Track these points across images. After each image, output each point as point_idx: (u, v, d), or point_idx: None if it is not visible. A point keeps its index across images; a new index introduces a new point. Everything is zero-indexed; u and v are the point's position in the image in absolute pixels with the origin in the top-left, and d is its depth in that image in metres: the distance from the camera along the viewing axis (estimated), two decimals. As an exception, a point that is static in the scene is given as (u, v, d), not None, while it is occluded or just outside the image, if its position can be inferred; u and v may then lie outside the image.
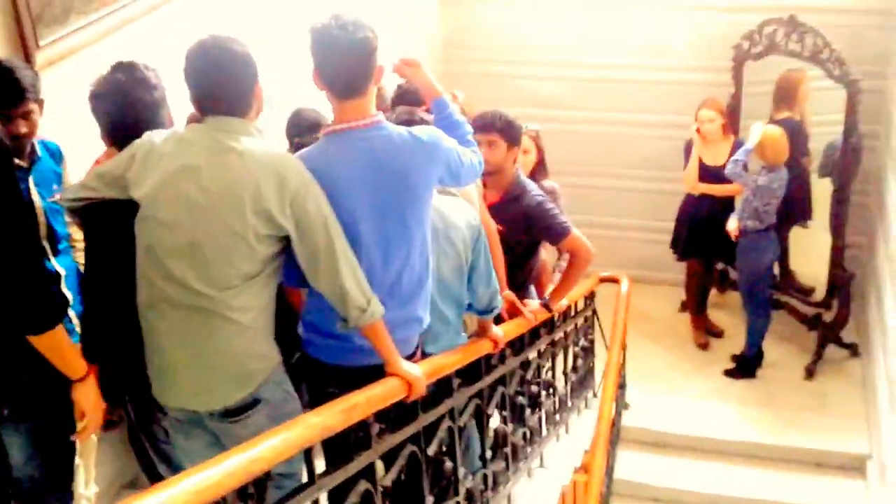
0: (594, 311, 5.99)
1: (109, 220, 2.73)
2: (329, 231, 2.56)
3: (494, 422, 3.96)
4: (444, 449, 3.26)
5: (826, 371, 6.63)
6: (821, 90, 6.40)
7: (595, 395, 5.86)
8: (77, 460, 3.11)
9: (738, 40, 6.62)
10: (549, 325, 4.68)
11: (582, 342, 5.72)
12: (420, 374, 2.84)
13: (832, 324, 6.59)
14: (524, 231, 4.10)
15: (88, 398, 2.73)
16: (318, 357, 3.01)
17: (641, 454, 6.06)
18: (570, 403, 5.42)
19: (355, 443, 2.60)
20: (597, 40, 7.37)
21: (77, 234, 3.14)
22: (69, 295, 3.10)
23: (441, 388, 3.24)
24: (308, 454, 2.34)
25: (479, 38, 7.56)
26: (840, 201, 6.36)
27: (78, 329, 3.01)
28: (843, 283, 6.47)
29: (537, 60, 7.49)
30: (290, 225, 2.54)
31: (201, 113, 2.61)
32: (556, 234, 4.06)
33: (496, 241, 3.88)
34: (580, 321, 5.57)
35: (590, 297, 5.82)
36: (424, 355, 3.22)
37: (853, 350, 6.70)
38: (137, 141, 2.69)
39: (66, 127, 3.20)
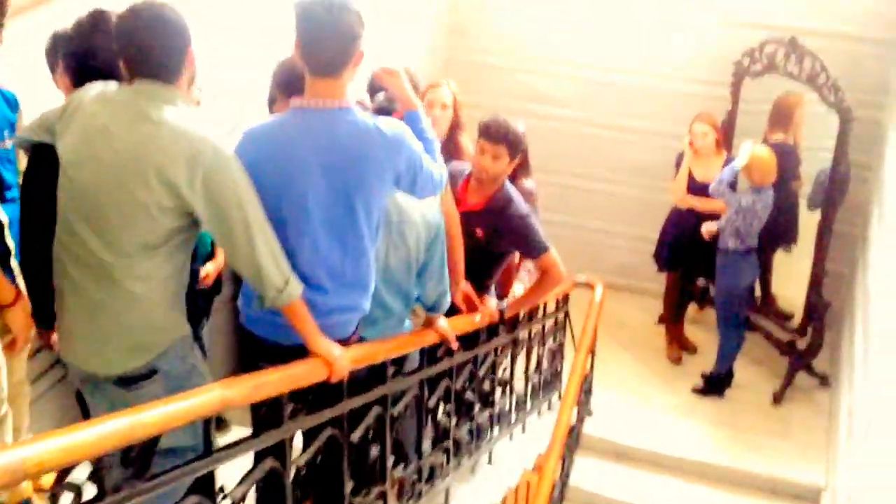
0: (566, 315, 5.96)
1: (45, 164, 2.70)
2: (245, 210, 2.50)
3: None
4: (369, 436, 3.21)
5: (794, 398, 6.57)
6: (816, 115, 6.31)
7: (560, 399, 5.80)
8: (4, 407, 3.10)
9: (739, 57, 6.60)
10: (511, 324, 4.63)
11: (549, 344, 5.69)
12: (342, 355, 2.79)
13: (805, 351, 6.53)
14: (503, 240, 4.09)
15: (16, 320, 2.79)
16: (251, 329, 3.00)
17: (600, 462, 6.01)
18: (529, 404, 5.39)
19: (265, 420, 2.56)
20: (600, 43, 7.34)
21: None
22: (11, 244, 3.07)
23: (375, 375, 3.21)
24: (207, 426, 2.28)
25: (485, 29, 7.52)
26: (823, 229, 6.30)
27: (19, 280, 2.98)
28: (818, 311, 6.41)
29: (540, 56, 7.45)
30: (198, 201, 2.48)
31: (130, 74, 2.56)
32: (534, 250, 4.06)
33: (457, 232, 3.84)
34: (549, 323, 5.54)
35: (563, 301, 5.80)
36: (361, 340, 3.17)
37: (824, 380, 6.63)
38: (76, 92, 2.65)
39: (27, 77, 3.15)
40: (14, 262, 3.02)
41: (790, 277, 6.83)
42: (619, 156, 7.57)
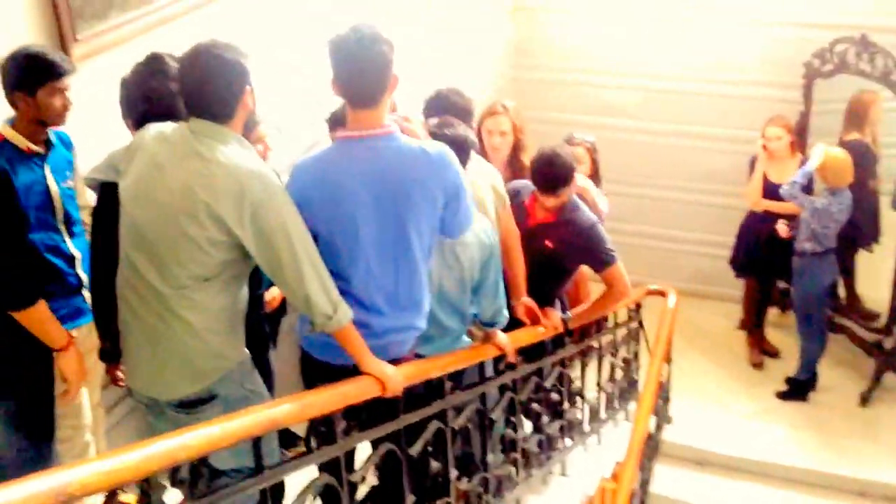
0: (640, 324, 5.90)
1: (111, 202, 2.83)
2: (292, 241, 2.57)
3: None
4: (429, 449, 3.26)
5: (882, 399, 6.37)
6: (891, 111, 6.14)
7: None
8: (88, 436, 3.25)
9: (809, 58, 6.48)
10: (579, 335, 4.63)
11: (623, 354, 5.64)
12: (395, 373, 2.85)
13: (892, 351, 6.33)
14: (572, 250, 4.09)
15: (70, 365, 2.91)
16: (309, 351, 3.08)
17: (681, 470, 5.90)
18: (604, 414, 5.35)
19: (319, 437, 2.63)
20: (665, 51, 7.27)
21: (88, 220, 3.26)
22: (84, 276, 3.24)
23: (432, 390, 3.25)
24: (256, 445, 2.36)
25: (548, 45, 7.53)
26: (906, 226, 6.12)
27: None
28: (904, 309, 6.21)
29: (604, 69, 7.43)
30: (247, 236, 2.55)
31: (188, 113, 2.67)
32: (600, 261, 4.05)
33: (517, 246, 3.88)
34: (620, 333, 5.49)
35: (635, 310, 5.74)
36: (417, 357, 3.23)
37: (913, 380, 6.42)
38: (139, 132, 2.78)
39: (100, 120, 3.28)
40: (86, 294, 3.18)
41: (875, 277, 6.63)
42: (691, 163, 7.50)
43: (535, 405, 4.25)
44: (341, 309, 2.68)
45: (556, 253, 4.06)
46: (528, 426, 4.29)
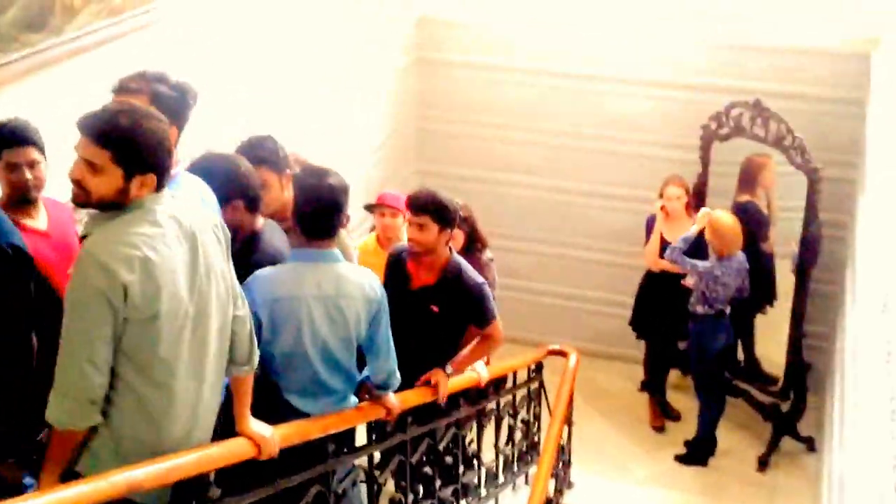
0: (541, 384, 5.88)
1: None
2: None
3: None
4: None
5: (780, 464, 6.49)
6: (788, 175, 6.33)
7: (535, 471, 5.71)
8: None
9: (707, 120, 6.63)
10: (474, 396, 4.61)
11: (523, 415, 5.61)
12: (272, 434, 2.81)
13: (788, 415, 6.46)
14: (458, 311, 4.14)
15: None
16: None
17: (582, 536, 5.89)
18: (502, 478, 5.29)
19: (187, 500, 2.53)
20: (568, 108, 7.39)
21: None
22: None
23: (314, 452, 3.19)
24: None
25: (452, 97, 7.61)
26: (799, 289, 6.29)
27: None
28: (800, 373, 6.37)
29: (508, 123, 7.52)
30: None
31: None
32: (485, 319, 4.17)
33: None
34: (521, 393, 5.46)
35: (536, 370, 5.73)
36: (300, 415, 3.22)
37: (809, 444, 6.55)
38: None
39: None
40: None
41: (772, 339, 6.78)
42: (592, 221, 7.59)
43: (427, 468, 4.19)
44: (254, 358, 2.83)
45: (444, 315, 4.11)
46: (420, 490, 4.23)
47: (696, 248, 6.18)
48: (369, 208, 5.07)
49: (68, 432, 2.47)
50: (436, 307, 4.08)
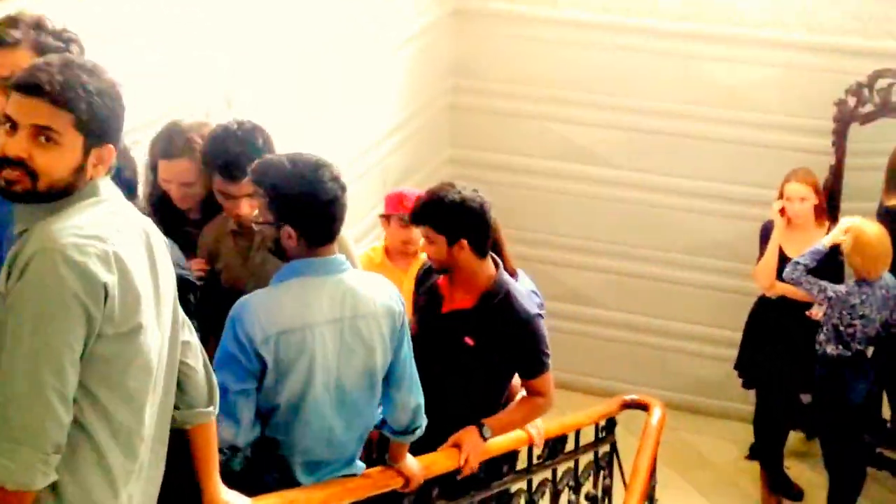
0: (613, 448, 5.84)
1: None
2: None
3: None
4: None
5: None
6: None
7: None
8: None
9: (843, 95, 6.60)
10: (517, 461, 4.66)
11: (588, 489, 5.56)
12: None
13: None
14: (502, 348, 4.18)
15: None
16: None
17: None
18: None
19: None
20: (654, 79, 7.33)
21: None
22: None
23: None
24: None
25: (498, 65, 7.59)
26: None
27: None
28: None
29: (574, 98, 7.47)
30: None
31: None
32: (535, 366, 4.20)
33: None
34: (585, 459, 5.40)
35: (606, 428, 5.69)
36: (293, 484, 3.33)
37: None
38: None
39: None
40: None
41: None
42: (681, 229, 7.55)
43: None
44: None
45: (479, 353, 4.14)
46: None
47: (828, 266, 6.14)
48: (386, 218, 5.10)
49: (15, 499, 2.38)
50: (470, 339, 4.10)
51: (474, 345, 4.11)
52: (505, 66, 7.56)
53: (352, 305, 3.36)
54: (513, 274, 4.71)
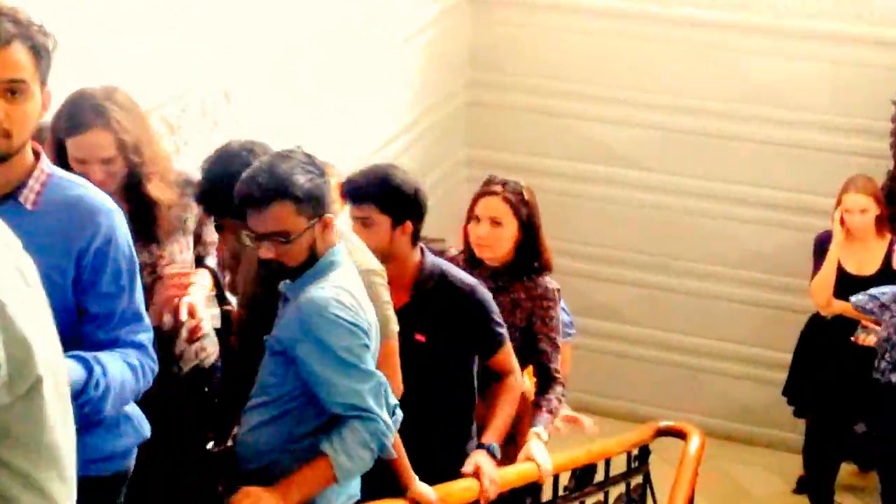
0: (647, 478, 5.63)
1: None
2: None
3: None
4: None
5: None
6: None
7: None
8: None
9: (904, 91, 6.45)
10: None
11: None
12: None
13: None
14: (455, 332, 4.12)
15: None
16: None
17: None
18: None
19: None
20: (691, 74, 7.31)
21: None
22: None
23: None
24: None
25: (519, 57, 7.59)
26: None
27: None
28: None
29: (600, 95, 7.46)
30: None
31: None
32: (490, 340, 4.16)
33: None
34: (616, 491, 5.36)
35: (639, 457, 5.54)
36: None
37: None
38: None
39: None
40: None
41: None
42: (724, 240, 7.53)
43: None
44: None
45: (434, 349, 4.05)
46: None
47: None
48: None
49: None
50: (420, 335, 4.02)
51: (426, 339, 4.02)
52: (527, 58, 7.58)
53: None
54: (549, 269, 4.71)
